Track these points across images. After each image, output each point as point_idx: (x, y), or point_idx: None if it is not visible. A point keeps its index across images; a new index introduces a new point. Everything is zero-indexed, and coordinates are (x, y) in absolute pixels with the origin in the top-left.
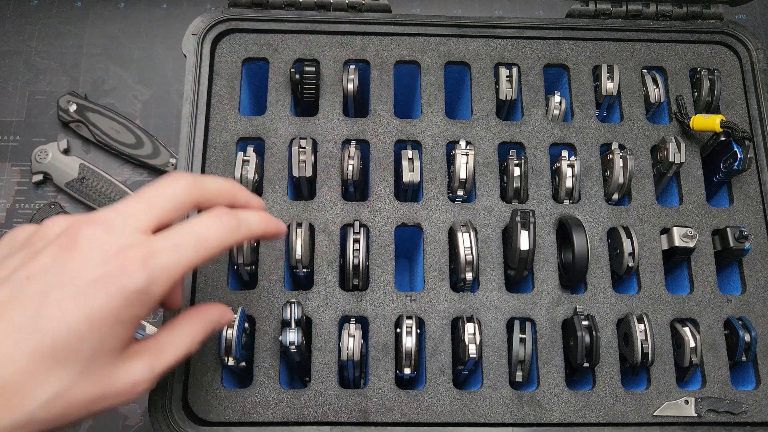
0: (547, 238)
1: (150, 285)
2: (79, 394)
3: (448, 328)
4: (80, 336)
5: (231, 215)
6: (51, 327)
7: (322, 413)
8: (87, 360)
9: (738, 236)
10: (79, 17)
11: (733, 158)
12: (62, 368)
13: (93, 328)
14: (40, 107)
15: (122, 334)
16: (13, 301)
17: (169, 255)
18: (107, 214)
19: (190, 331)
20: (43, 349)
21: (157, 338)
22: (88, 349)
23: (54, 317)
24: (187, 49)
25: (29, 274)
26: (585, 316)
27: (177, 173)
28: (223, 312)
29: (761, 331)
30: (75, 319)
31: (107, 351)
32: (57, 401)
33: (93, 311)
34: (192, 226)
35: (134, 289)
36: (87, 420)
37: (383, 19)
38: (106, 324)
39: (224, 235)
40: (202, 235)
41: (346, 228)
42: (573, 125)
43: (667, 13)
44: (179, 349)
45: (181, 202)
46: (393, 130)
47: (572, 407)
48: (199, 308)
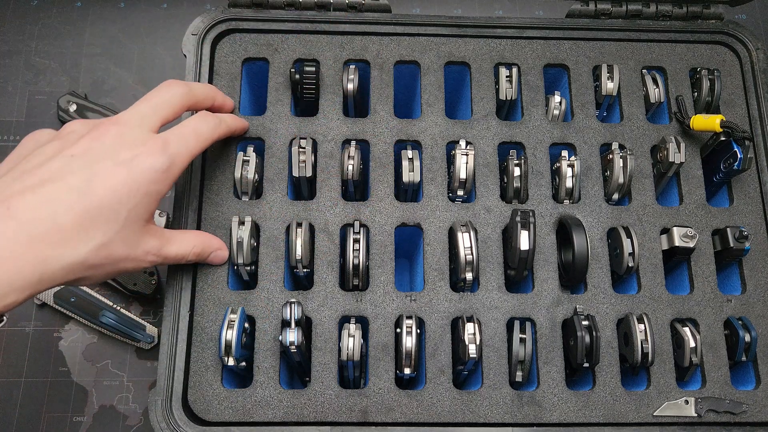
0: (547, 238)
1: (171, 166)
2: (115, 248)
3: (448, 328)
4: (120, 200)
5: (214, 116)
6: (100, 191)
7: (322, 413)
8: (123, 222)
9: (738, 236)
10: (79, 17)
11: (733, 158)
12: (105, 224)
13: (131, 195)
14: (40, 107)
15: (148, 206)
16: (65, 171)
17: (179, 144)
18: (125, 116)
19: (192, 241)
20: (93, 208)
21: (170, 232)
22: (125, 212)
23: (102, 183)
24: (187, 49)
25: (73, 153)
26: (585, 316)
27: (172, 82)
28: (222, 246)
29: (761, 331)
30: (118, 186)
31: (137, 218)
32: (101, 250)
33: (132, 182)
34: (189, 124)
35: (159, 168)
36: (113, 276)
37: (383, 19)
38: (139, 194)
39: (212, 129)
40: (198, 130)
41: (346, 228)
42: (573, 125)
43: (667, 13)
44: (181, 248)
45: (179, 105)
46: (393, 130)
47: (572, 407)
48: (207, 234)
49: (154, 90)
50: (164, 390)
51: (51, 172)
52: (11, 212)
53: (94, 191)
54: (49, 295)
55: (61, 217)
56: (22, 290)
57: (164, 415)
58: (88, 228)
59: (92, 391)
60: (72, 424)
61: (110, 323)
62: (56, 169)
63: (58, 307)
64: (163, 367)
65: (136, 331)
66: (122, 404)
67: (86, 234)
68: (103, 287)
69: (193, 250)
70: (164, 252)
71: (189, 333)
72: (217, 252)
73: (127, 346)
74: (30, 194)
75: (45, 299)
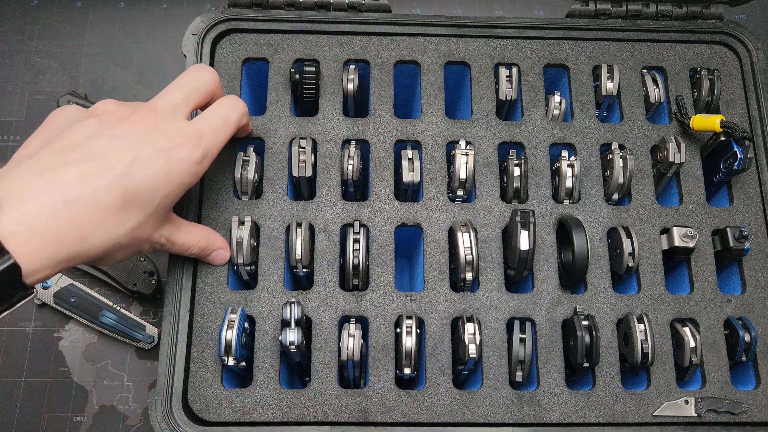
0: (547, 238)
1: (203, 158)
2: (143, 232)
3: (448, 328)
4: (157, 186)
5: (241, 102)
6: (140, 174)
7: (322, 413)
8: (156, 206)
9: (738, 236)
10: (79, 17)
11: (733, 158)
12: (141, 207)
13: (167, 183)
14: (40, 107)
15: (178, 195)
16: (108, 150)
17: (211, 137)
18: (159, 104)
19: (199, 235)
20: (132, 190)
21: (182, 221)
22: (159, 198)
23: (142, 167)
24: (187, 49)
25: (114, 134)
26: (585, 316)
27: (202, 66)
28: (225, 246)
29: (761, 331)
30: (158, 172)
31: (167, 204)
32: (135, 231)
33: (170, 170)
34: (219, 113)
35: (195, 160)
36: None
37: (383, 19)
38: (174, 182)
39: (239, 118)
40: (227, 119)
41: (346, 228)
42: (573, 125)
43: (667, 13)
44: (187, 239)
45: (209, 92)
46: (393, 130)
47: (572, 407)
48: (213, 231)
49: (185, 75)
50: (164, 390)
51: (93, 149)
52: (56, 185)
53: (135, 174)
54: (49, 295)
55: (103, 197)
56: (57, 265)
57: (164, 415)
58: (125, 210)
59: (92, 391)
60: (72, 424)
61: (110, 323)
62: (99, 147)
63: (58, 307)
64: (163, 367)
65: (136, 331)
66: (122, 404)
67: (123, 216)
68: (103, 287)
69: (198, 244)
70: (173, 238)
71: (189, 333)
72: (219, 251)
73: (127, 346)
74: (74, 168)
75: (45, 299)
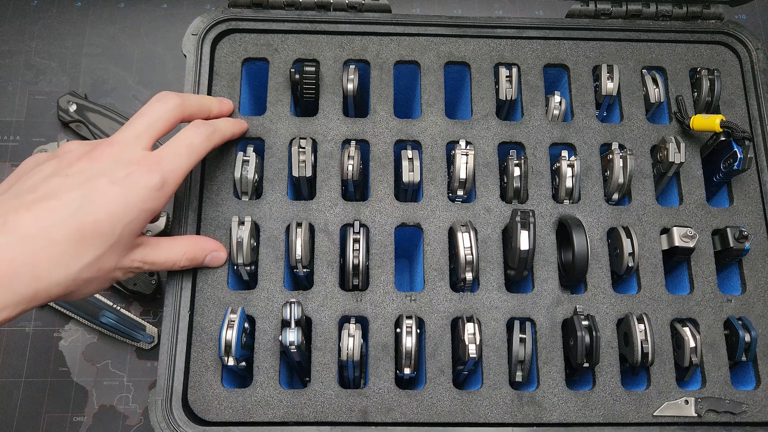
0: (547, 238)
1: (164, 184)
2: (106, 263)
3: (448, 328)
4: (116, 217)
5: (207, 125)
6: (95, 207)
7: (322, 413)
8: (117, 237)
9: (738, 236)
10: (79, 17)
11: (733, 158)
12: (100, 240)
13: (126, 212)
14: (40, 107)
15: (142, 222)
16: (62, 188)
17: (172, 161)
18: (120, 136)
19: (184, 246)
20: (88, 224)
21: (159, 240)
22: (119, 228)
23: (98, 200)
24: (187, 49)
25: (69, 172)
26: (585, 316)
27: (165, 94)
28: (218, 247)
29: (761, 331)
30: (114, 203)
31: (130, 233)
32: (94, 265)
33: (127, 199)
34: (183, 139)
35: (153, 186)
36: (104, 288)
37: (383, 19)
38: (134, 210)
39: (205, 141)
40: (191, 144)
41: (346, 228)
42: (573, 125)
43: (667, 13)
44: (170, 255)
45: (172, 119)
46: (393, 130)
47: (572, 407)
48: (201, 237)
49: (147, 104)
50: (164, 390)
51: (47, 189)
52: (7, 228)
53: (90, 208)
54: None
55: (56, 234)
56: (16, 306)
57: (164, 415)
58: (82, 244)
59: (92, 391)
60: (72, 424)
61: (110, 323)
62: (53, 186)
63: (58, 307)
64: (163, 367)
65: (136, 331)
66: (122, 404)
67: (80, 250)
68: None
69: (185, 256)
70: (151, 258)
71: (189, 333)
72: (213, 254)
73: (127, 346)
74: (25, 211)
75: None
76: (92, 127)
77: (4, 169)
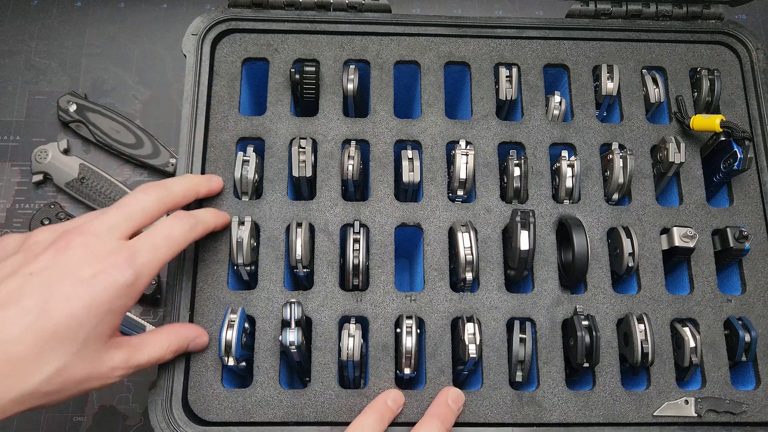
0: (547, 238)
1: (137, 279)
2: (74, 372)
3: (448, 328)
4: (79, 322)
5: (189, 216)
6: (56, 313)
7: (322, 413)
8: (82, 342)
9: (738, 236)
10: (79, 17)
11: (733, 158)
12: (62, 348)
13: (90, 315)
14: (40, 107)
15: (112, 322)
16: (22, 292)
17: (148, 254)
18: (94, 225)
19: (167, 340)
20: (48, 332)
21: (140, 338)
22: (84, 333)
23: (59, 305)
24: (187, 49)
25: (32, 270)
26: (585, 316)
27: (149, 186)
28: (200, 333)
29: (761, 331)
30: (76, 307)
31: (98, 336)
32: (57, 377)
33: (92, 301)
34: (162, 230)
35: (124, 283)
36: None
37: (383, 19)
38: (101, 312)
39: (186, 233)
40: (171, 236)
41: (346, 228)
42: (573, 125)
43: (667, 13)
44: (154, 351)
45: (154, 211)
46: (393, 130)
47: (572, 407)
48: (181, 324)
49: (130, 195)
50: (164, 390)
51: (7, 293)
52: None
53: (50, 314)
54: None
55: (12, 346)
56: None
57: (164, 415)
58: (40, 355)
59: (92, 391)
60: (72, 424)
61: None
62: (12, 289)
63: None
64: (163, 368)
65: (136, 331)
66: (122, 404)
67: (39, 362)
68: None
69: (169, 349)
70: (134, 362)
71: None
72: (196, 341)
73: None
74: None
75: None
76: (92, 127)
77: (4, 168)
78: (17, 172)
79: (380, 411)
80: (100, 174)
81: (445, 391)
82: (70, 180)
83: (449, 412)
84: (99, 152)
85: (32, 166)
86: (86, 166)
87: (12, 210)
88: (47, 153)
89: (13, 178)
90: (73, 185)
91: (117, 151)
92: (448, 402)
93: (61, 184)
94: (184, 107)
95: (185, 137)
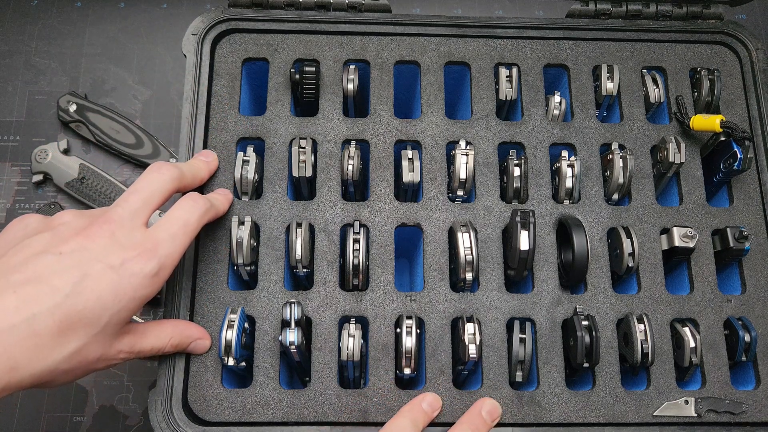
0: (547, 238)
1: (160, 269)
2: (89, 353)
3: (448, 328)
4: (105, 305)
5: (204, 200)
6: (86, 295)
7: (322, 413)
8: (103, 326)
9: (738, 236)
10: (79, 17)
11: (733, 158)
12: (84, 329)
13: (115, 301)
14: (40, 107)
15: (132, 310)
16: (53, 270)
17: (169, 244)
18: (117, 213)
19: (170, 333)
20: (75, 312)
21: (144, 326)
22: (107, 317)
23: (89, 287)
24: (187, 49)
25: (62, 251)
26: (585, 316)
27: (161, 165)
28: (203, 335)
29: (761, 331)
30: (105, 291)
31: (118, 322)
32: (75, 356)
33: (119, 287)
34: (178, 216)
35: (149, 273)
36: (82, 377)
37: (383, 19)
38: (125, 299)
39: (201, 216)
40: (187, 222)
41: (346, 228)
42: (573, 125)
43: (667, 13)
44: (156, 342)
45: (169, 192)
46: (393, 130)
47: (572, 407)
48: (186, 322)
49: (144, 176)
50: (164, 390)
51: (37, 269)
52: None
53: (80, 296)
54: None
55: (39, 323)
56: None
57: (164, 415)
58: (65, 334)
59: (92, 391)
60: (72, 424)
61: None
62: (43, 267)
63: None
64: (163, 367)
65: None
66: (122, 404)
67: (62, 340)
68: None
69: (170, 342)
70: (138, 348)
71: None
72: (197, 342)
73: None
74: (11, 294)
75: None
76: (92, 127)
77: (4, 168)
78: (17, 172)
79: (415, 414)
80: (100, 174)
81: (480, 402)
82: (70, 180)
83: (482, 422)
84: (99, 152)
85: (32, 166)
86: (86, 166)
87: (12, 210)
88: (47, 153)
89: (13, 178)
90: (73, 185)
91: (117, 151)
92: (482, 413)
93: (61, 184)
94: (184, 107)
95: (185, 137)
